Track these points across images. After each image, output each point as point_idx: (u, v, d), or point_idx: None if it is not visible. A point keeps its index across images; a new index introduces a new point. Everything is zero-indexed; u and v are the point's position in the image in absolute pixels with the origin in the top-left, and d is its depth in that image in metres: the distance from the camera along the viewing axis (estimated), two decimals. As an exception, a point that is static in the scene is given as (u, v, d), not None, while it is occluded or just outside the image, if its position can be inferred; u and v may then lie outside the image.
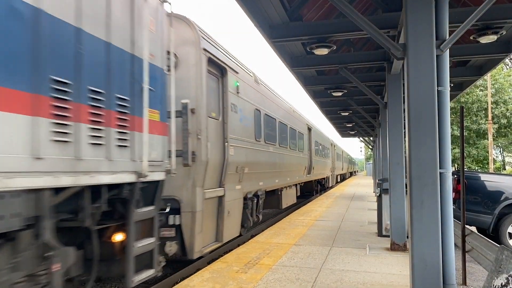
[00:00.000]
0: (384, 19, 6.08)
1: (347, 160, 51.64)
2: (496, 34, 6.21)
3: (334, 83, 10.54)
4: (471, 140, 29.77)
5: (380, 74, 9.89)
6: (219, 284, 5.32)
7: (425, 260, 3.87)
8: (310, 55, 8.10)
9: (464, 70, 9.89)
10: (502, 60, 8.67)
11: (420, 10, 3.93)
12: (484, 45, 7.39)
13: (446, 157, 4.06)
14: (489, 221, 8.37)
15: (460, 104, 25.59)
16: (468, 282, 5.85)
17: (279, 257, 6.87)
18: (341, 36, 6.55)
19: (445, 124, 4.07)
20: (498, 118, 28.96)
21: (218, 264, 6.38)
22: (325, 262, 6.52)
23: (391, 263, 6.47)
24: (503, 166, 38.55)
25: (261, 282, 5.42)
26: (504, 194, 8.42)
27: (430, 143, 3.91)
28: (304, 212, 13.30)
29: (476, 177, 9.03)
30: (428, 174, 3.90)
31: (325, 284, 5.36)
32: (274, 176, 11.02)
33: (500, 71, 29.66)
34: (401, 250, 7.34)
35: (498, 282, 3.56)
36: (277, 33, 6.57)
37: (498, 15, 5.87)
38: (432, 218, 3.88)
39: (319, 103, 14.24)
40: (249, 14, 5.82)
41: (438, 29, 4.04)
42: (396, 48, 4.13)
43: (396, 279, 5.61)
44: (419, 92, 3.94)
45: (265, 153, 9.97)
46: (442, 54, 4.05)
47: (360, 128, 22.19)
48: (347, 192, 23.42)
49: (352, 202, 16.88)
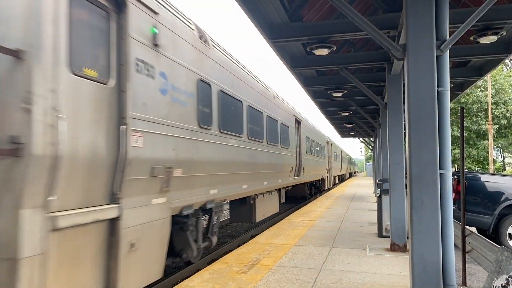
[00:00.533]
0: (384, 19, 6.08)
1: (346, 160, 50.58)
2: (496, 34, 6.21)
3: (334, 84, 10.54)
4: (471, 141, 29.80)
5: (380, 74, 9.89)
6: (219, 285, 5.31)
7: (425, 261, 3.87)
8: (310, 55, 8.11)
9: (464, 71, 9.90)
10: (502, 60, 8.67)
11: (420, 10, 3.93)
12: (484, 45, 7.40)
13: (446, 158, 4.06)
14: (489, 221, 8.37)
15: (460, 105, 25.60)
16: (468, 283, 5.85)
17: (279, 257, 6.87)
18: (341, 36, 6.55)
19: (445, 125, 4.07)
20: (498, 118, 28.99)
21: (218, 265, 6.38)
22: (325, 263, 6.51)
23: (391, 264, 6.46)
24: (503, 167, 38.54)
25: (261, 283, 5.42)
26: (504, 194, 8.42)
27: (430, 143, 3.91)
28: (304, 213, 13.30)
29: (476, 178, 9.03)
30: (428, 175, 3.90)
31: (325, 284, 5.36)
32: (240, 180, 8.30)
33: (500, 72, 29.69)
34: (401, 251, 7.33)
35: (498, 283, 3.56)
36: (277, 34, 6.58)
37: (498, 15, 5.87)
38: (432, 218, 3.88)
39: (319, 104, 14.25)
40: (249, 14, 5.83)
41: (438, 30, 4.04)
42: (396, 49, 4.13)
43: (396, 279, 5.60)
44: (419, 93, 3.94)
45: (221, 148, 7.13)
46: (442, 54, 4.05)
47: (360, 129, 22.20)
48: (347, 193, 23.41)
49: (352, 203, 16.87)
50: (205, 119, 6.49)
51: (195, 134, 6.07)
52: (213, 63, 6.95)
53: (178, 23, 5.73)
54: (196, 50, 6.25)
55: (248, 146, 8.85)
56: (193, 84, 6.07)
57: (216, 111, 6.97)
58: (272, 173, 11.06)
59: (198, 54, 6.33)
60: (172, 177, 5.33)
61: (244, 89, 8.67)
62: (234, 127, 7.95)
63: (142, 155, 4.59)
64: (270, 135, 10.75)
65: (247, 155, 8.71)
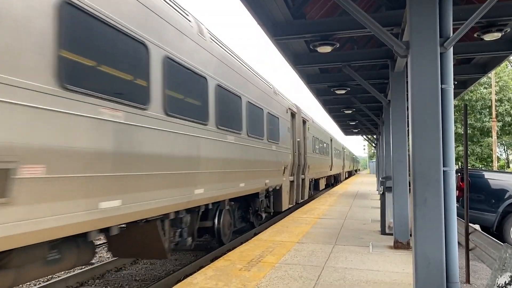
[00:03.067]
0: (387, 16, 6.07)
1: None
2: (500, 31, 6.18)
3: (337, 81, 10.52)
4: (475, 138, 29.71)
5: (383, 72, 9.86)
6: (222, 282, 5.33)
7: (429, 258, 3.87)
8: (313, 53, 8.09)
9: (468, 68, 9.85)
10: (506, 57, 8.63)
11: (424, 7, 3.92)
12: (488, 42, 7.36)
13: (449, 155, 4.05)
14: (493, 219, 8.35)
15: (464, 102, 25.49)
16: (471, 280, 5.84)
17: (282, 255, 6.88)
18: (344, 33, 6.54)
19: (449, 122, 4.06)
20: (502, 116, 28.88)
21: (221, 262, 6.40)
22: (328, 260, 6.52)
23: (394, 261, 6.46)
24: (507, 164, 38.39)
25: (264, 280, 5.43)
26: (508, 192, 8.39)
27: (434, 141, 3.90)
28: (307, 210, 13.30)
29: (479, 175, 9.00)
30: (432, 172, 3.89)
31: (328, 282, 5.37)
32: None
33: (504, 69, 29.55)
34: (404, 248, 7.33)
35: (502, 281, 3.56)
36: (280, 31, 6.57)
37: (502, 12, 5.84)
38: (435, 216, 3.88)
39: (322, 101, 14.23)
40: (252, 12, 5.82)
41: (442, 27, 4.02)
42: (399, 46, 4.12)
43: (399, 277, 5.60)
44: (423, 90, 3.93)
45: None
46: (446, 51, 4.03)
47: (364, 126, 22.16)
48: (350, 190, 23.39)
49: (355, 200, 16.87)
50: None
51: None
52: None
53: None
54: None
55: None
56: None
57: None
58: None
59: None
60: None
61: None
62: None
63: None
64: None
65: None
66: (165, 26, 5.59)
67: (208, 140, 6.75)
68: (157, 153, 5.18)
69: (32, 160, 3.34)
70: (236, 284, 5.25)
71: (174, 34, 5.82)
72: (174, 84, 5.72)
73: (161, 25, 5.47)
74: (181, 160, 5.80)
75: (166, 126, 5.42)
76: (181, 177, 5.83)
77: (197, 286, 5.17)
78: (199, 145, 6.42)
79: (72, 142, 3.78)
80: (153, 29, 5.25)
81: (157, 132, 5.20)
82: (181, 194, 5.84)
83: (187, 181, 6.00)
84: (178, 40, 5.92)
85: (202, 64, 6.69)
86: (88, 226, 4.02)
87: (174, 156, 5.62)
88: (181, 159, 5.81)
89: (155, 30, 5.30)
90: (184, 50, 6.06)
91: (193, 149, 6.21)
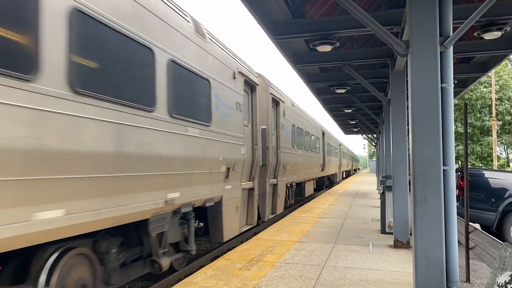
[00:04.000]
0: (387, 15, 6.06)
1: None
2: (500, 30, 6.17)
3: (337, 80, 10.52)
4: (475, 137, 29.72)
5: (383, 71, 9.86)
6: (223, 281, 5.33)
7: (429, 257, 3.87)
8: (313, 52, 8.09)
9: (468, 67, 9.85)
10: (506, 56, 8.63)
11: (424, 6, 3.91)
12: (488, 41, 7.36)
13: (449, 154, 4.04)
14: (493, 218, 8.35)
15: (464, 101, 25.50)
16: (471, 279, 5.84)
17: (282, 254, 6.88)
18: (344, 33, 6.53)
19: (449, 121, 4.05)
20: (502, 115, 28.89)
21: (221, 261, 6.40)
22: (328, 259, 6.52)
23: (394, 260, 6.46)
24: (507, 163, 38.39)
25: (264, 279, 5.43)
26: (508, 191, 8.39)
27: (434, 140, 3.90)
28: (307, 209, 13.31)
29: (480, 174, 9.00)
30: (432, 171, 3.89)
31: (328, 281, 5.37)
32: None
33: (504, 68, 29.55)
34: (405, 247, 7.33)
35: (502, 280, 3.56)
36: (280, 30, 6.56)
37: (502, 11, 5.84)
38: (435, 215, 3.88)
39: (322, 100, 14.23)
40: (252, 11, 5.82)
41: (442, 26, 4.02)
42: (399, 45, 4.11)
43: (399, 276, 5.61)
44: (423, 89, 3.92)
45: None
46: (446, 50, 4.03)
47: (364, 125, 22.17)
48: (351, 190, 23.40)
49: (355, 199, 16.87)
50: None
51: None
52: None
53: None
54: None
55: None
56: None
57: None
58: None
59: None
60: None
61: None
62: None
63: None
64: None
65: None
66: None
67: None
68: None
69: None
70: (236, 284, 5.25)
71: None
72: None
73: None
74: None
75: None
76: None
77: (197, 285, 5.18)
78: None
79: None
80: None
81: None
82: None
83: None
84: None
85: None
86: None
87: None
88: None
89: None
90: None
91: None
